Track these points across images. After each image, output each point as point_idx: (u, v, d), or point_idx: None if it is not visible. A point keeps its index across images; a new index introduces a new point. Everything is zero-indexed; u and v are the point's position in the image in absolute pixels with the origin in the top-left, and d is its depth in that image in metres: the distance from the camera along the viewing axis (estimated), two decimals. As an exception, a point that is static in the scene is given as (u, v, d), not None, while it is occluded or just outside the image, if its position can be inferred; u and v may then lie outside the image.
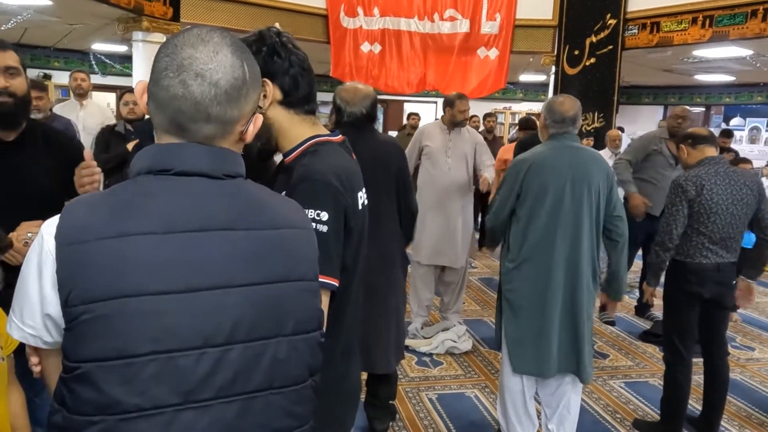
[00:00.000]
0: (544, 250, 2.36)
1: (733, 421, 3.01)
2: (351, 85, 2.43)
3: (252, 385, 0.80)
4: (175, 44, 0.82)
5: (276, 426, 0.83)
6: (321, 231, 1.08)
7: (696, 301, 2.70)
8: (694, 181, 2.60)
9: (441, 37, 8.05)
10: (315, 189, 1.10)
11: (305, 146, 1.19)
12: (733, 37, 6.34)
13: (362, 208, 1.24)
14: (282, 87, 1.16)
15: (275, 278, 0.83)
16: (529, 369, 2.44)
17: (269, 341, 0.81)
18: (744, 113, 10.75)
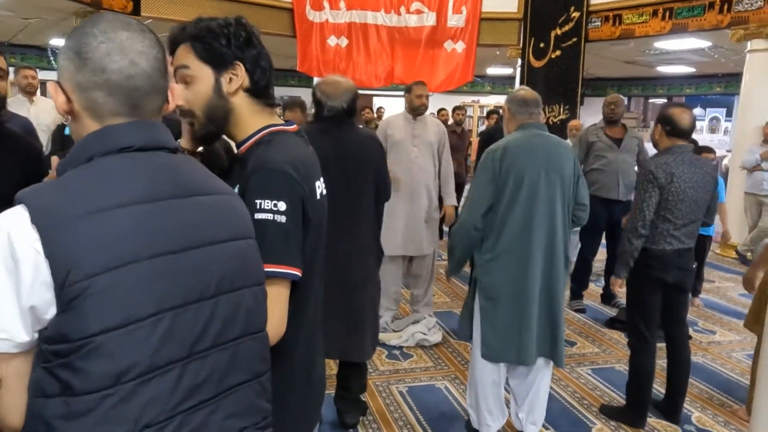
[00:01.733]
0: (523, 239, 2.37)
1: (695, 403, 3.09)
2: (332, 78, 2.41)
3: (236, 331, 0.90)
4: (102, 31, 0.85)
5: (256, 369, 0.94)
6: (279, 221, 1.07)
7: (659, 286, 2.76)
8: (664, 169, 2.64)
9: (408, 31, 8.04)
10: (271, 178, 1.09)
11: (259, 136, 1.17)
12: (691, 28, 6.49)
13: (320, 198, 1.22)
14: (252, 75, 1.16)
15: (239, 236, 0.94)
16: (509, 357, 2.45)
17: (244, 291, 0.92)
18: (704, 104, 11.04)
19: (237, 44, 1.13)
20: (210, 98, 1.14)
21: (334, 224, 2.30)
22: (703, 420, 2.92)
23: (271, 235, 1.06)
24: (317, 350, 1.31)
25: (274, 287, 1.05)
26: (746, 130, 6.34)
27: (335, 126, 2.33)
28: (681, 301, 2.85)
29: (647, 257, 2.72)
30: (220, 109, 1.15)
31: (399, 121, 3.78)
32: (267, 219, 1.06)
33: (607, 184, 4.26)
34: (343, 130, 2.35)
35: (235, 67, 1.14)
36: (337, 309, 2.34)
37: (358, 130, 2.48)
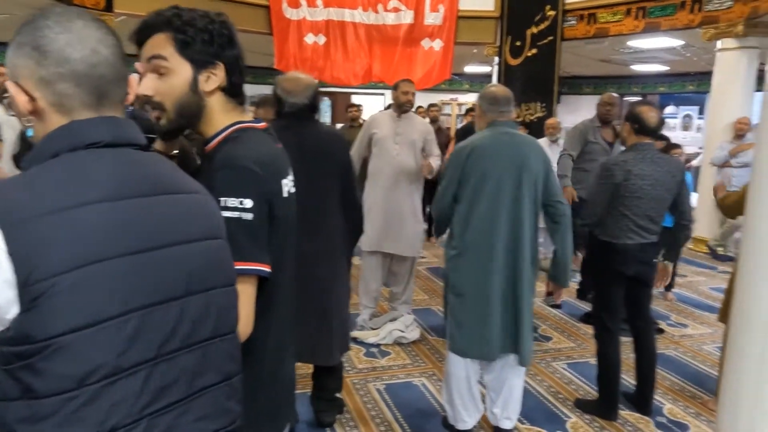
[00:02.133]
0: (486, 236, 2.40)
1: (667, 395, 3.15)
2: (292, 74, 2.38)
3: (206, 332, 0.89)
4: (57, 22, 0.84)
5: (226, 370, 0.93)
6: (246, 219, 1.06)
7: (621, 279, 2.83)
8: (621, 166, 2.71)
9: (386, 29, 8.04)
10: (236, 176, 1.08)
11: (226, 133, 1.16)
12: (664, 27, 6.60)
13: (288, 196, 1.21)
14: (230, 75, 1.15)
15: (209, 235, 0.92)
16: (473, 352, 2.48)
17: (214, 291, 0.91)
18: (677, 101, 11.23)
19: (220, 43, 1.12)
20: (184, 94, 1.12)
21: (299, 223, 2.29)
22: (674, 411, 2.98)
23: (237, 233, 1.05)
24: (287, 349, 1.30)
25: (241, 285, 1.04)
26: (717, 128, 6.47)
27: (297, 122, 2.28)
28: (644, 294, 2.92)
29: (610, 251, 2.79)
30: (193, 106, 1.13)
31: (384, 119, 3.77)
32: (233, 216, 1.05)
33: (584, 184, 4.27)
34: (305, 126, 2.31)
35: (215, 67, 1.12)
36: (305, 310, 2.29)
37: (320, 127, 2.44)
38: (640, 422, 2.85)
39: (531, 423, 2.80)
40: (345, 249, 2.55)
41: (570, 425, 2.80)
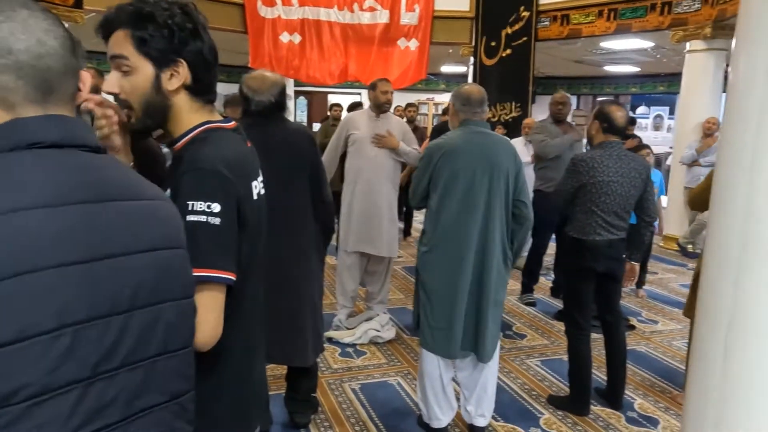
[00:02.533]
0: (456, 234, 2.41)
1: (638, 391, 3.20)
2: (258, 73, 2.35)
3: (151, 350, 0.82)
4: None
5: (174, 389, 0.87)
6: (213, 224, 1.02)
7: (591, 275, 2.87)
8: (588, 163, 2.77)
9: (361, 28, 8.03)
10: (203, 179, 1.04)
11: (195, 133, 1.13)
12: (635, 29, 6.72)
13: (258, 198, 1.18)
14: (195, 72, 1.10)
15: (162, 245, 0.86)
16: (440, 350, 2.49)
17: (164, 305, 0.84)
18: (648, 102, 11.45)
19: (181, 38, 1.06)
20: (148, 93, 1.08)
21: (269, 222, 2.27)
22: (645, 406, 3.03)
23: (204, 238, 1.02)
24: (256, 353, 1.28)
25: (207, 292, 1.02)
26: (686, 128, 6.60)
27: (264, 121, 2.26)
28: (614, 289, 2.97)
29: (580, 248, 2.83)
30: (158, 106, 1.10)
31: (362, 119, 3.75)
32: (200, 221, 1.02)
33: (558, 181, 4.34)
34: (273, 125, 2.28)
35: (177, 65, 1.08)
36: (278, 311, 2.29)
37: (288, 125, 2.41)
38: (611, 417, 2.90)
39: (505, 420, 2.82)
40: (317, 248, 2.54)
41: (543, 422, 2.83)
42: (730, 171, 1.53)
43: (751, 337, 1.47)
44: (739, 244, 1.48)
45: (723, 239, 1.55)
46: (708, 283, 1.60)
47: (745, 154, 1.47)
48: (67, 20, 5.87)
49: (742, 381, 1.49)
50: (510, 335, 3.97)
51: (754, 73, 1.45)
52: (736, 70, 1.52)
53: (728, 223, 1.53)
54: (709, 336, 1.58)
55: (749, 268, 1.46)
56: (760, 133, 1.43)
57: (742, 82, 1.49)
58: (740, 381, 1.49)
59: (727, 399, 1.52)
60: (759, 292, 1.45)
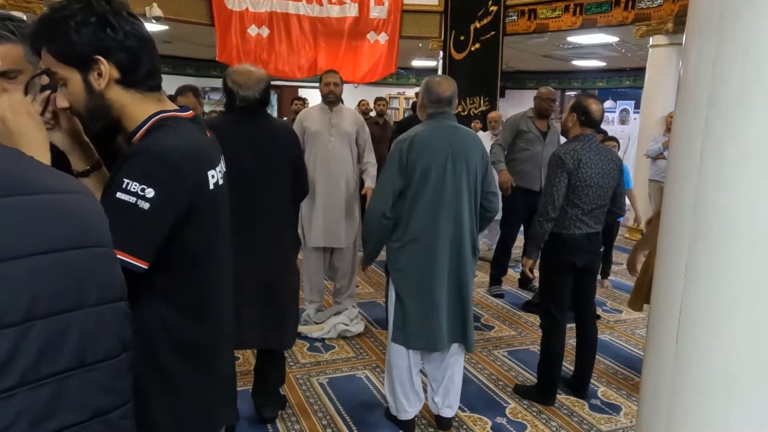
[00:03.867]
0: (429, 229, 2.42)
1: (601, 379, 3.27)
2: (244, 67, 2.34)
3: (61, 363, 0.72)
4: None
5: (97, 405, 0.77)
6: (141, 208, 1.00)
7: (570, 269, 2.89)
8: (572, 155, 2.75)
9: (330, 21, 7.99)
10: (148, 163, 1.02)
11: (150, 124, 1.10)
12: (600, 24, 6.83)
13: (215, 188, 1.15)
14: (119, 64, 1.05)
15: (68, 245, 0.74)
16: (422, 344, 2.51)
17: (74, 313, 0.74)
18: (615, 96, 11.63)
19: (89, 34, 1.01)
20: (85, 99, 1.06)
21: (251, 215, 2.29)
22: (608, 394, 3.10)
23: (127, 220, 0.99)
24: (223, 350, 1.27)
25: None
26: (649, 122, 6.74)
27: (248, 116, 2.28)
28: (590, 283, 3.01)
29: (558, 242, 2.84)
30: (98, 107, 1.07)
31: (315, 113, 3.76)
32: (128, 201, 0.99)
33: (531, 174, 4.36)
34: (257, 120, 2.31)
35: (97, 62, 1.03)
36: (256, 299, 2.34)
37: (272, 121, 2.45)
38: (575, 405, 2.95)
39: (471, 410, 2.86)
40: (292, 239, 2.55)
41: (509, 411, 2.87)
42: (681, 163, 1.57)
43: (702, 325, 1.51)
44: (690, 235, 1.52)
45: (674, 230, 1.59)
46: (660, 272, 1.64)
47: (694, 146, 1.50)
48: (26, 11, 5.70)
49: (692, 367, 1.53)
50: (478, 327, 4.00)
51: (702, 67, 1.49)
52: (686, 64, 1.56)
53: (679, 214, 1.57)
54: (662, 324, 1.63)
55: (699, 257, 1.50)
56: (708, 126, 1.47)
57: (692, 75, 1.53)
58: (691, 367, 1.53)
59: (679, 384, 1.56)
60: (708, 280, 1.49)
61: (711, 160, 1.46)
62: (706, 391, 1.51)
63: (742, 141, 1.41)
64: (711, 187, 1.47)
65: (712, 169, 1.46)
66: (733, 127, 1.42)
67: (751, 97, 1.39)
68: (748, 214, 1.42)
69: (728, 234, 1.45)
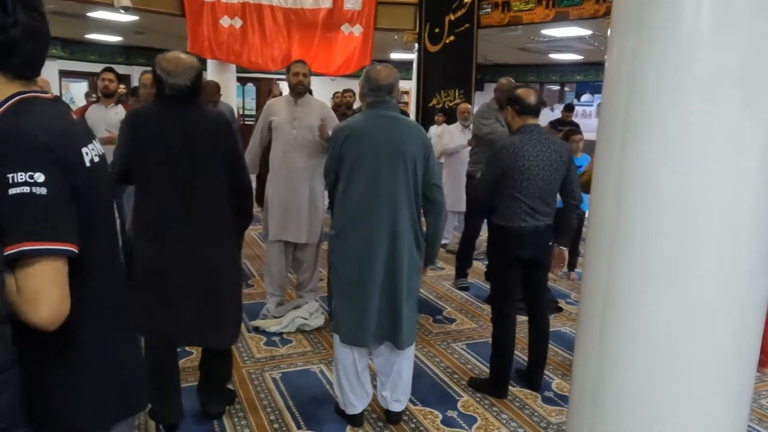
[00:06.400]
0: (362, 220, 2.39)
1: (557, 371, 3.28)
2: (173, 54, 2.26)
3: None
4: None
5: None
6: (39, 194, 0.97)
7: (517, 262, 2.88)
8: (508, 149, 2.75)
9: (304, 13, 7.90)
10: (22, 149, 0.98)
11: (6, 106, 1.06)
12: (572, 17, 6.82)
13: (92, 165, 1.13)
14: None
15: None
16: (349, 338, 2.48)
17: None
18: (592, 90, 11.69)
19: None
20: None
21: (180, 207, 2.23)
22: (561, 386, 3.10)
23: (31, 210, 0.97)
24: (115, 333, 1.23)
25: (43, 266, 0.97)
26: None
27: (178, 105, 2.21)
28: (539, 276, 3.00)
29: (505, 235, 2.83)
30: None
31: (281, 104, 3.69)
32: (23, 193, 0.96)
33: None
34: (187, 109, 2.24)
35: None
36: (190, 294, 2.28)
37: (204, 110, 2.37)
38: (528, 398, 2.95)
39: (423, 404, 2.84)
40: (234, 231, 2.48)
41: (461, 404, 2.86)
42: (604, 153, 1.56)
43: (623, 314, 1.50)
44: (612, 226, 1.51)
45: (598, 221, 1.58)
46: (587, 263, 1.63)
47: (616, 136, 1.49)
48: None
49: (615, 355, 1.53)
50: (440, 320, 4.00)
51: (623, 58, 1.48)
52: (609, 57, 1.55)
53: (602, 205, 1.56)
54: (588, 313, 1.62)
55: (620, 248, 1.49)
56: (629, 115, 1.46)
57: (614, 67, 1.52)
58: (614, 355, 1.53)
59: (603, 369, 1.57)
60: (629, 271, 1.48)
61: (631, 150, 1.45)
62: (627, 378, 1.51)
63: (660, 130, 1.40)
64: (631, 178, 1.45)
65: (632, 160, 1.46)
66: (651, 116, 1.41)
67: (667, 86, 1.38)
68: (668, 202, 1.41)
69: (648, 223, 1.44)
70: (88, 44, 11.22)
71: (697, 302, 1.40)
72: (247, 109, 13.52)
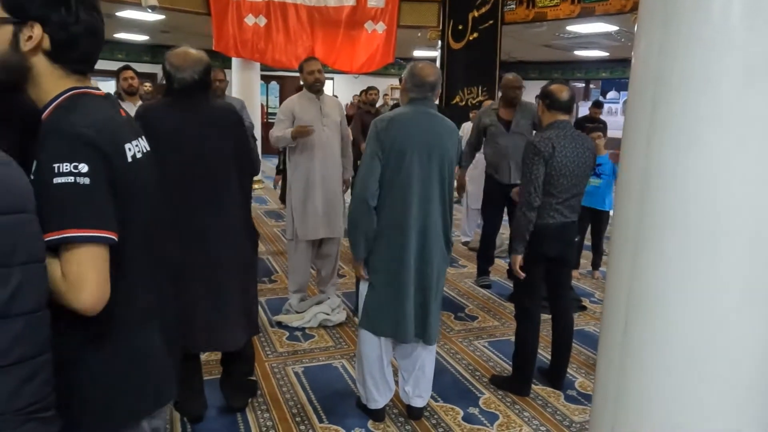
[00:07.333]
0: (400, 216, 2.39)
1: (581, 369, 3.24)
2: (181, 49, 2.27)
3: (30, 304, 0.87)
4: None
5: (17, 352, 0.89)
6: (83, 183, 1.03)
7: (542, 260, 2.85)
8: (547, 143, 2.70)
9: (328, 11, 7.94)
10: (68, 141, 1.04)
11: (60, 100, 1.12)
12: (598, 12, 6.72)
13: (134, 161, 1.17)
14: (54, 39, 1.10)
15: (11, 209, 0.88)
16: (389, 332, 2.50)
17: (4, 270, 0.86)
18: (618, 87, 11.52)
19: (43, 3, 1.07)
20: (6, 50, 1.09)
21: (190, 201, 2.23)
22: (585, 385, 3.07)
23: (75, 199, 1.02)
24: (150, 322, 1.26)
25: (85, 253, 1.02)
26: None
27: (186, 99, 2.21)
28: (563, 273, 2.98)
29: (531, 232, 2.81)
30: (14, 64, 1.10)
31: (304, 102, 3.66)
32: (68, 182, 1.02)
33: (500, 167, 4.31)
34: (196, 103, 2.23)
35: (32, 27, 1.08)
36: (200, 292, 2.24)
37: (212, 104, 2.36)
38: (551, 396, 2.93)
39: (444, 400, 2.84)
40: (247, 227, 2.47)
41: (483, 401, 2.86)
42: (630, 151, 1.54)
43: (647, 314, 1.48)
44: (636, 225, 1.49)
45: (623, 220, 1.56)
46: (611, 262, 1.61)
47: (642, 133, 1.47)
48: None
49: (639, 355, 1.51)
50: (461, 317, 3.99)
51: (650, 53, 1.46)
52: (636, 52, 1.53)
53: (627, 204, 1.54)
54: (612, 313, 1.61)
55: (645, 247, 1.47)
56: (655, 112, 1.44)
57: (641, 62, 1.50)
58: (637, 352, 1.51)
59: (626, 369, 1.55)
60: (654, 270, 1.46)
61: (657, 144, 1.43)
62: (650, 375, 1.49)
63: (688, 127, 1.38)
64: (657, 174, 1.43)
65: (658, 156, 1.44)
66: (678, 113, 1.39)
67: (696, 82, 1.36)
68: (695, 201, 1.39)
69: (674, 222, 1.42)
70: (116, 43, 11.42)
71: (724, 303, 1.37)
72: (270, 107, 13.62)
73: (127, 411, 1.20)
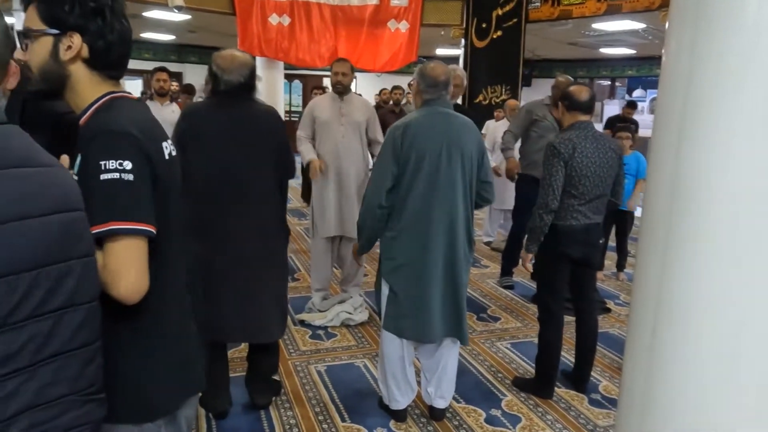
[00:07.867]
0: (423, 218, 2.39)
1: (605, 373, 3.20)
2: (228, 52, 2.35)
3: (59, 302, 0.92)
4: None
5: (82, 338, 0.96)
6: (127, 180, 1.09)
7: (566, 261, 2.82)
8: (567, 144, 2.68)
9: (351, 9, 7.95)
10: (113, 139, 1.10)
11: (99, 104, 1.19)
12: (625, 10, 6.62)
13: (170, 159, 1.24)
14: (91, 47, 1.16)
15: (62, 208, 0.94)
16: (413, 334, 2.50)
17: (70, 263, 0.93)
18: (645, 85, 11.32)
19: (80, 13, 1.13)
20: (46, 61, 1.16)
21: (230, 199, 2.29)
22: (609, 388, 3.03)
23: (120, 194, 1.08)
24: (188, 316, 1.31)
25: (127, 245, 1.08)
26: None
27: (232, 101, 2.29)
28: (588, 275, 2.94)
29: (554, 233, 2.78)
30: (54, 74, 1.17)
31: (326, 102, 3.75)
32: (113, 178, 1.07)
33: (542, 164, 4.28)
34: (241, 105, 2.30)
35: (72, 37, 1.14)
36: (236, 286, 2.32)
37: (257, 106, 2.42)
38: (574, 399, 2.90)
39: (467, 402, 2.83)
40: (280, 227, 2.52)
41: (505, 403, 2.84)
42: (659, 151, 1.51)
43: (676, 318, 1.46)
44: (666, 227, 1.47)
45: (652, 222, 1.53)
46: (639, 264, 1.59)
47: (672, 133, 1.45)
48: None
49: (667, 360, 1.49)
50: (484, 318, 3.97)
51: (681, 52, 1.43)
52: (667, 51, 1.50)
53: (656, 205, 1.52)
54: (640, 316, 1.58)
55: (674, 250, 1.45)
56: (686, 112, 1.41)
57: (672, 61, 1.47)
58: (665, 356, 1.49)
59: (654, 374, 1.53)
60: (683, 273, 1.44)
61: (688, 147, 1.41)
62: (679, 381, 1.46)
63: (720, 127, 1.35)
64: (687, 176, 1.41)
65: (689, 158, 1.41)
66: (710, 113, 1.36)
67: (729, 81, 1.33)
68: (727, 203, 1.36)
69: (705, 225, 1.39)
70: (142, 43, 11.61)
71: (755, 309, 1.35)
72: (293, 106, 13.70)
73: (165, 398, 1.24)
